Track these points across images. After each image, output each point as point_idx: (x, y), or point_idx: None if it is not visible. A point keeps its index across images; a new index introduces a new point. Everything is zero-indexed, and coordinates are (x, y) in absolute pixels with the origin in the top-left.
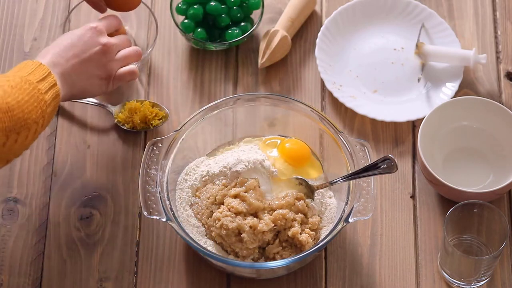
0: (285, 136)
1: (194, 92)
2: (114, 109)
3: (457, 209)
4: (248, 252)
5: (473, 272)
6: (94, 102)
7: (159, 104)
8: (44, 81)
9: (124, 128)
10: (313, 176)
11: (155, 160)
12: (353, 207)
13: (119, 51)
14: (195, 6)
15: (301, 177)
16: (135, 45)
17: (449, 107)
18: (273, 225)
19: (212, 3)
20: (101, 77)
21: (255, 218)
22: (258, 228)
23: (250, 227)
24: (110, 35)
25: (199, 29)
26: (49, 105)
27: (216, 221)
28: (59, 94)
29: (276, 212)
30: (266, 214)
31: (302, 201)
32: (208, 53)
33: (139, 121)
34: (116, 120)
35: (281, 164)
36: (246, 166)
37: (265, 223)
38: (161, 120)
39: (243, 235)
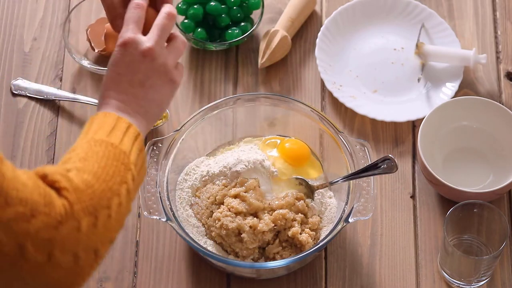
0: (285, 136)
1: (194, 92)
2: None
3: (457, 209)
4: (248, 252)
5: (473, 272)
6: (94, 103)
7: None
8: (115, 131)
9: None
10: (313, 176)
11: (155, 160)
12: (353, 207)
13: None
14: (195, 6)
15: (301, 177)
16: None
17: (449, 107)
18: (273, 225)
19: (212, 3)
20: (166, 80)
21: (255, 218)
22: (258, 228)
23: (250, 227)
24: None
25: (199, 29)
26: (131, 153)
27: (216, 221)
28: (139, 132)
29: (276, 212)
30: (266, 214)
31: (302, 201)
32: (208, 53)
33: None
34: None
35: (281, 164)
36: (246, 166)
37: (265, 223)
38: (161, 120)
39: (243, 235)
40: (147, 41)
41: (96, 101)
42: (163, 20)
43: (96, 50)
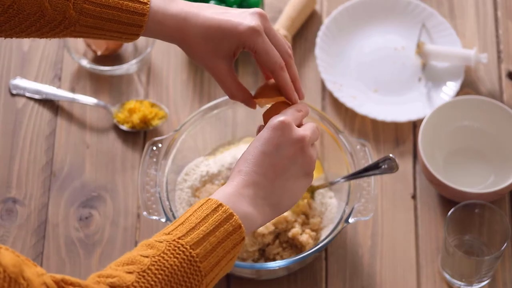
0: None
1: (194, 92)
2: (113, 109)
3: (458, 209)
4: (247, 254)
5: (474, 273)
6: (93, 103)
7: (159, 104)
8: (214, 233)
9: (123, 128)
10: (313, 175)
11: (154, 160)
12: (353, 207)
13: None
14: None
15: None
16: (135, 45)
17: (450, 107)
18: (274, 227)
19: (212, 2)
20: (305, 174)
21: None
22: (258, 231)
23: None
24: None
25: None
26: (212, 270)
27: None
28: (243, 237)
29: None
30: None
31: (305, 200)
32: None
33: (138, 121)
34: (115, 120)
35: None
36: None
37: (265, 226)
38: (160, 120)
39: None
40: (301, 131)
41: (95, 101)
42: (315, 126)
43: (99, 53)
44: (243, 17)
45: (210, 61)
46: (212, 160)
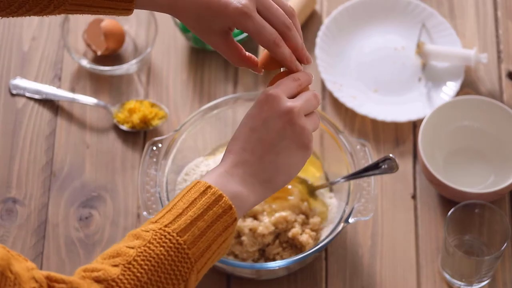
0: None
1: (194, 92)
2: (113, 109)
3: (458, 209)
4: (248, 255)
5: (474, 273)
6: (93, 103)
7: (159, 104)
8: (205, 217)
9: (123, 128)
10: (313, 175)
11: (154, 160)
12: (353, 207)
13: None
14: None
15: (301, 177)
16: (135, 45)
17: (450, 107)
18: (274, 228)
19: None
20: (300, 145)
21: (255, 221)
22: (258, 231)
23: (250, 229)
24: None
25: None
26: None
27: None
28: (236, 217)
29: (278, 214)
30: (266, 216)
31: (306, 203)
32: (208, 53)
33: (138, 121)
34: (115, 120)
35: None
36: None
37: (265, 226)
38: (160, 120)
39: (243, 238)
40: (290, 102)
41: (95, 101)
42: (311, 95)
43: (99, 53)
44: None
45: (206, 37)
46: (212, 160)
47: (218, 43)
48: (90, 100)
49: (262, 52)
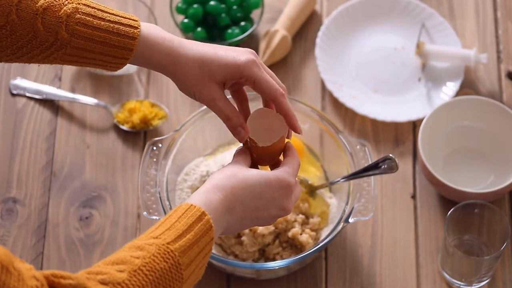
0: None
1: None
2: (113, 109)
3: (458, 209)
4: (248, 255)
5: (474, 273)
6: (94, 103)
7: (159, 104)
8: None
9: (124, 128)
10: (313, 175)
11: (154, 160)
12: (353, 207)
13: None
14: (195, 6)
15: (301, 177)
16: None
17: (450, 107)
18: (274, 228)
19: (212, 2)
20: (282, 209)
21: None
22: (258, 231)
23: (250, 230)
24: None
25: (199, 29)
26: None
27: None
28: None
29: None
30: None
31: (306, 204)
32: None
33: (138, 121)
34: (115, 120)
35: None
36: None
37: (265, 226)
38: (160, 120)
39: (243, 238)
40: (291, 204)
41: (95, 101)
42: (298, 162)
43: None
44: (239, 51)
45: (204, 86)
46: (212, 160)
47: (215, 92)
48: (90, 100)
49: (261, 51)
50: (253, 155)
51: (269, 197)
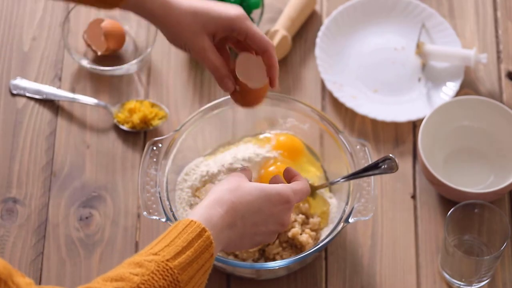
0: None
1: (194, 92)
2: (113, 109)
3: (458, 209)
4: (248, 254)
5: (474, 273)
6: (94, 103)
7: (159, 104)
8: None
9: (124, 128)
10: (313, 175)
11: (154, 160)
12: (353, 207)
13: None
14: None
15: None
16: (135, 45)
17: (450, 107)
18: None
19: None
20: (280, 225)
21: None
22: None
23: None
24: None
25: None
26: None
27: None
28: (210, 265)
29: None
30: None
31: (306, 205)
32: None
33: (138, 121)
34: (115, 120)
35: (279, 162)
36: (242, 165)
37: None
38: (161, 120)
39: None
40: (290, 218)
41: (95, 101)
42: (307, 187)
43: (99, 53)
44: (229, 6)
45: (196, 37)
46: (212, 160)
47: (205, 44)
48: (90, 100)
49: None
50: (241, 100)
51: (268, 212)
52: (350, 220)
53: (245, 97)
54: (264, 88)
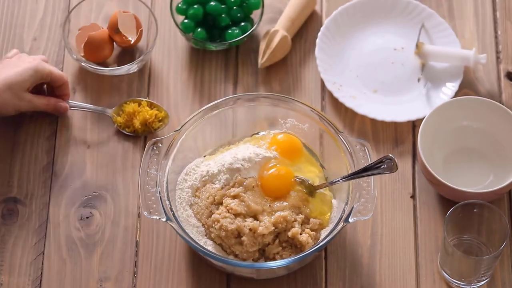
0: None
1: (194, 92)
2: (110, 112)
3: (457, 209)
4: (248, 254)
5: (473, 272)
6: (90, 109)
7: (157, 104)
8: None
9: (125, 132)
10: (313, 175)
11: (155, 160)
12: (353, 207)
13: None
14: (195, 6)
15: (302, 177)
16: (135, 45)
17: (449, 107)
18: (274, 228)
19: (212, 3)
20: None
21: (255, 221)
22: (258, 231)
23: (250, 229)
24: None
25: (199, 29)
26: None
27: (215, 223)
28: None
29: (277, 214)
30: (266, 216)
31: (308, 210)
32: (208, 53)
33: (139, 126)
34: (116, 125)
35: (278, 162)
36: (242, 166)
37: (265, 226)
38: (161, 123)
39: (243, 238)
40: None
41: (92, 107)
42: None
43: (80, 55)
44: (26, 59)
45: (20, 100)
46: (212, 160)
47: (28, 95)
48: (86, 106)
49: (261, 52)
50: None
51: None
52: (350, 220)
53: None
54: None
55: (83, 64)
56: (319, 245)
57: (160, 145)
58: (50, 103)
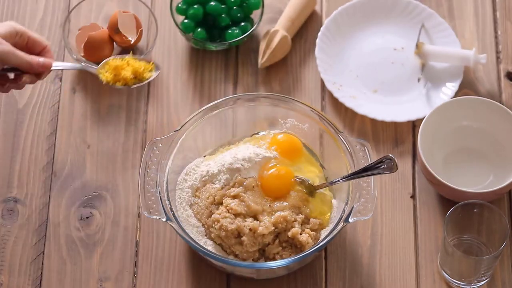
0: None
1: (194, 92)
2: (95, 69)
3: (457, 209)
4: (248, 254)
5: (473, 272)
6: (69, 66)
7: (143, 58)
8: None
9: (117, 87)
10: (313, 175)
11: (155, 160)
12: (353, 207)
13: None
14: (195, 6)
15: (302, 177)
16: (135, 45)
17: (449, 107)
18: (274, 228)
19: (212, 3)
20: None
21: (255, 221)
22: (258, 231)
23: (250, 229)
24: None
25: (199, 29)
26: None
27: (215, 223)
28: None
29: (277, 214)
30: (266, 216)
31: (308, 210)
32: (208, 53)
33: (131, 76)
34: (104, 82)
35: (278, 162)
36: (242, 166)
37: (265, 226)
38: (151, 72)
39: (243, 238)
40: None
41: (73, 65)
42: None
43: (80, 54)
44: None
45: None
46: (212, 160)
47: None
48: (67, 65)
49: (261, 52)
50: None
51: None
52: (350, 220)
53: None
54: None
55: (83, 64)
56: (319, 245)
57: (160, 145)
58: (32, 57)
